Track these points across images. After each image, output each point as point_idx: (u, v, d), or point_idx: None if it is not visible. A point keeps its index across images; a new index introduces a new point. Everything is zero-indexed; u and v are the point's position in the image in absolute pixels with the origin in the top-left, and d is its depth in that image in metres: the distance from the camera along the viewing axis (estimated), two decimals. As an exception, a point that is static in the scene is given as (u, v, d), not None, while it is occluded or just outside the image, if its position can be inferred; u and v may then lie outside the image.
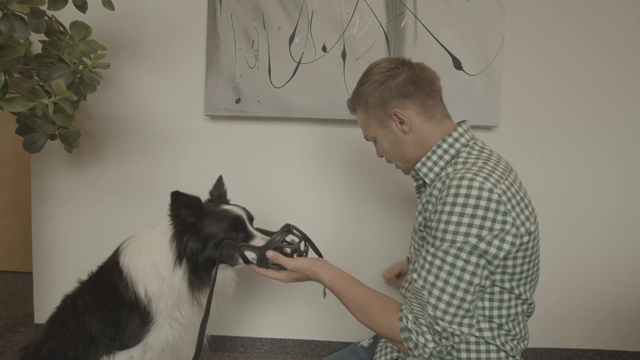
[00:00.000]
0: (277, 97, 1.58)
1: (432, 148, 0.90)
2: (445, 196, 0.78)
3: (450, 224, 0.75)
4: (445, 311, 0.75)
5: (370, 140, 1.03)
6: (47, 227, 1.75)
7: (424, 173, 0.91)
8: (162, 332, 1.11)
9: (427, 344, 0.77)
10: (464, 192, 0.75)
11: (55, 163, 1.71)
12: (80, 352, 1.08)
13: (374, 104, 0.93)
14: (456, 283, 0.75)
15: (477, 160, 0.84)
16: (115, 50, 1.63)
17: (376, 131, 0.97)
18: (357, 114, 1.01)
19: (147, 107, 1.68)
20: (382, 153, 1.02)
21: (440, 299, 0.75)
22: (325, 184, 1.69)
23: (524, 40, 1.60)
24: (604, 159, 1.65)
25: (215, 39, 1.58)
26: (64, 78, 1.12)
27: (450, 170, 0.85)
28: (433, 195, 0.85)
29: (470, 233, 0.74)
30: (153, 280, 1.08)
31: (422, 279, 0.78)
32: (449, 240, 0.76)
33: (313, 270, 0.92)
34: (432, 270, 0.77)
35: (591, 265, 1.69)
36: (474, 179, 0.76)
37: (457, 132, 0.91)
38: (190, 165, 1.69)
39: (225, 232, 1.06)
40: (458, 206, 0.75)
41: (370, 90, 0.93)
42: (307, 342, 1.74)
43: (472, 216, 0.74)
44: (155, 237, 1.12)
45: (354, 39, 1.56)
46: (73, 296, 1.15)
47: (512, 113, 1.62)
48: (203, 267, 1.07)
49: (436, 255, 0.77)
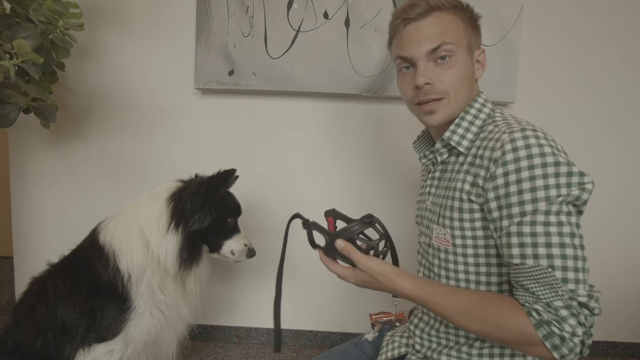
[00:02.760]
0: (274, 68, 1.46)
1: (460, 114, 0.79)
2: (512, 155, 0.65)
3: (537, 179, 0.63)
4: (576, 280, 0.61)
5: (433, 54, 0.76)
6: (27, 210, 1.64)
7: (456, 141, 0.78)
8: (143, 321, 1.05)
9: (575, 331, 0.60)
10: (534, 142, 0.64)
11: (35, 141, 1.60)
12: (49, 342, 1.01)
13: (471, 23, 0.79)
14: (572, 242, 0.62)
15: (515, 118, 0.75)
16: (97, 16, 1.50)
17: (461, 50, 0.76)
18: (438, 13, 0.76)
19: (133, 79, 1.56)
20: (444, 78, 0.77)
21: (566, 268, 0.61)
22: (328, 164, 1.58)
23: (543, 8, 1.48)
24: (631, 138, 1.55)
25: (205, 5, 1.45)
26: (31, 40, 0.99)
27: (492, 128, 0.73)
28: (478, 164, 0.71)
29: (560, 184, 0.62)
30: (136, 251, 1.03)
31: (532, 257, 0.63)
32: (542, 200, 0.62)
33: (389, 277, 0.71)
34: (539, 241, 0.62)
35: (602, 255, 1.60)
36: (536, 129, 0.67)
37: (482, 97, 0.81)
38: (180, 143, 1.58)
39: (226, 213, 1.10)
40: (536, 158, 0.63)
41: (468, 6, 0.79)
42: (306, 332, 1.66)
43: (555, 164, 0.63)
44: (143, 202, 1.08)
45: (358, 4, 1.43)
46: (42, 280, 1.07)
47: (530, 89, 1.51)
48: (200, 240, 1.07)
49: (535, 223, 0.63)
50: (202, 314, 1.28)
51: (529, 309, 0.63)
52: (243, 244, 1.13)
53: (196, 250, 1.06)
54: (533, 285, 0.63)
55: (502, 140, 0.66)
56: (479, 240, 0.73)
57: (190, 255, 1.04)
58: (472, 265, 0.75)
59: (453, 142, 0.78)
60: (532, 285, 0.63)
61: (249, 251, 1.14)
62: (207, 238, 1.09)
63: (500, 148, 0.66)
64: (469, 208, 0.73)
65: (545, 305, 0.62)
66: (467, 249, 0.75)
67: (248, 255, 1.14)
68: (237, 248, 1.12)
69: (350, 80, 1.45)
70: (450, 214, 0.76)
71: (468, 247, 0.75)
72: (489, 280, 0.74)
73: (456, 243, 0.76)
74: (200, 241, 1.07)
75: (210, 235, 1.08)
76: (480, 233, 0.73)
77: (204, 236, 1.07)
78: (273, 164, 1.58)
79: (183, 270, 1.04)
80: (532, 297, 0.63)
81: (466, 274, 0.76)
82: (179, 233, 1.02)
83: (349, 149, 1.56)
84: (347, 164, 1.57)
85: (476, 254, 0.74)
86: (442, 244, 0.80)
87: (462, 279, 0.77)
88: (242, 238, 1.14)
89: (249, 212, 1.54)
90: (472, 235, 0.74)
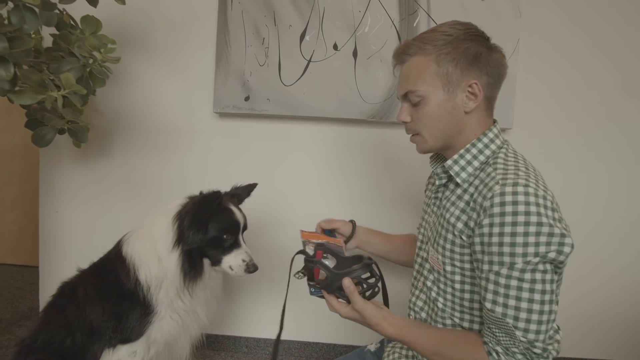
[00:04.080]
0: (287, 95, 1.56)
1: (467, 146, 0.82)
2: (499, 209, 0.70)
3: (517, 236, 0.68)
4: (537, 331, 0.69)
5: (406, 97, 0.85)
6: (54, 222, 1.75)
7: (455, 172, 0.82)
8: (164, 324, 1.11)
9: None
10: (522, 200, 0.68)
11: (64, 158, 1.71)
12: (78, 340, 1.07)
13: (452, 58, 0.78)
14: (540, 298, 0.69)
15: (516, 163, 0.78)
16: (124, 44, 1.62)
17: (432, 91, 0.80)
18: (411, 60, 0.83)
19: (156, 103, 1.67)
20: (417, 117, 0.84)
21: (530, 320, 0.69)
22: (336, 184, 1.67)
23: (539, 40, 1.57)
24: (628, 163, 1.61)
25: (225, 36, 1.57)
26: (74, 71, 1.11)
27: (491, 171, 0.77)
28: (472, 207, 0.77)
29: (540, 242, 0.67)
30: (152, 263, 1.08)
31: (502, 306, 0.70)
32: (520, 255, 0.68)
33: (377, 322, 0.79)
34: (511, 294, 0.70)
35: (598, 273, 1.64)
36: (528, 185, 0.70)
37: (493, 132, 0.83)
38: (198, 162, 1.68)
39: (219, 230, 1.09)
40: (520, 216, 0.68)
41: (456, 37, 0.79)
42: (312, 344, 1.72)
43: (538, 224, 0.67)
44: (157, 219, 1.13)
45: (365, 37, 1.54)
46: (72, 284, 1.15)
47: (526, 115, 1.58)
48: (198, 256, 1.10)
49: (511, 277, 0.70)
50: (214, 323, 1.33)
51: (490, 349, 0.73)
52: (241, 259, 1.12)
53: (196, 264, 1.10)
54: (496, 330, 0.73)
55: (493, 192, 0.71)
56: (466, 271, 0.81)
57: (191, 268, 1.08)
58: (459, 290, 0.83)
59: (452, 172, 0.83)
60: (496, 330, 0.73)
61: (247, 266, 1.12)
62: (206, 253, 1.11)
63: (490, 198, 0.71)
64: (460, 244, 0.80)
65: (504, 349, 0.72)
66: (455, 276, 0.83)
67: (247, 271, 1.12)
68: (235, 263, 1.12)
69: (357, 106, 1.55)
70: (444, 244, 0.84)
71: (456, 274, 0.83)
72: (471, 305, 0.82)
73: (446, 269, 0.84)
74: (198, 256, 1.10)
75: (208, 250, 1.10)
76: (467, 265, 0.81)
77: (202, 251, 1.10)
78: (284, 182, 1.67)
79: (188, 282, 1.09)
80: (494, 339, 0.73)
81: (452, 296, 0.85)
82: (179, 249, 1.07)
83: (355, 170, 1.65)
84: (354, 183, 1.66)
85: (463, 281, 0.82)
86: (435, 265, 0.88)
87: (449, 299, 0.85)
88: (241, 254, 1.13)
89: (259, 228, 1.64)
90: (461, 266, 0.82)
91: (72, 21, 1.32)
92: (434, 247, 0.88)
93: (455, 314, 0.85)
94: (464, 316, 0.84)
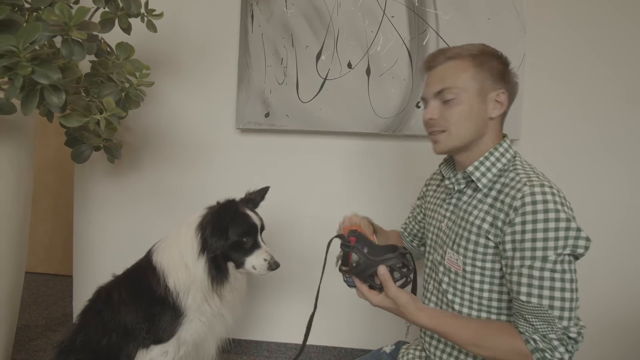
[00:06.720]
0: (305, 111, 1.66)
1: (485, 154, 0.90)
2: (531, 207, 0.78)
3: (549, 231, 0.76)
4: (570, 318, 0.76)
5: (438, 95, 0.90)
6: (87, 233, 1.87)
7: (476, 177, 0.89)
8: (194, 325, 1.19)
9: (563, 357, 0.76)
10: (550, 199, 0.77)
11: (97, 172, 1.84)
12: (113, 341, 1.16)
13: (488, 67, 0.87)
14: (570, 287, 0.76)
15: (533, 170, 0.87)
16: (154, 67, 1.73)
17: (468, 91, 0.87)
18: (449, 62, 0.90)
19: (182, 120, 1.79)
20: (447, 115, 0.89)
21: (564, 308, 0.76)
22: (350, 193, 1.74)
23: (543, 55, 1.62)
24: (632, 173, 1.63)
25: (246, 57, 1.68)
26: (113, 95, 1.22)
27: (514, 176, 0.85)
28: (499, 207, 0.83)
29: (569, 236, 0.76)
30: (180, 271, 1.17)
31: (537, 297, 0.77)
32: (552, 249, 0.76)
33: (411, 310, 0.82)
34: (545, 284, 0.77)
35: (602, 281, 1.65)
36: (552, 186, 0.79)
37: (507, 142, 0.92)
38: (221, 175, 1.78)
39: (238, 235, 1.17)
40: (551, 213, 0.76)
41: (488, 52, 0.89)
42: (330, 348, 1.78)
43: (567, 220, 0.76)
44: (182, 230, 1.22)
45: (378, 56, 1.62)
46: (108, 289, 1.24)
47: (533, 126, 1.63)
48: (223, 261, 1.18)
49: (544, 269, 0.77)
50: (235, 328, 1.39)
51: (527, 337, 0.78)
52: (263, 259, 1.20)
53: (222, 268, 1.18)
54: (533, 319, 0.78)
55: (523, 192, 0.78)
56: (486, 270, 0.87)
57: (218, 273, 1.17)
58: (477, 290, 0.89)
59: (474, 177, 0.89)
60: (533, 319, 0.78)
61: (269, 265, 1.20)
62: (229, 257, 1.19)
63: (520, 198, 0.78)
64: (484, 244, 0.86)
65: (541, 336, 0.77)
66: (475, 276, 0.89)
67: (269, 269, 1.20)
68: (258, 263, 1.20)
69: (371, 121, 1.64)
70: (466, 245, 0.89)
71: (476, 274, 0.88)
72: (489, 304, 0.88)
73: (466, 269, 0.90)
74: (223, 261, 1.18)
75: (231, 254, 1.18)
76: (489, 265, 0.87)
77: (226, 256, 1.18)
78: (302, 193, 1.75)
79: (216, 286, 1.17)
80: (531, 328, 0.78)
81: (471, 295, 0.90)
82: (204, 256, 1.15)
83: (369, 180, 1.72)
84: (368, 192, 1.72)
85: (482, 281, 0.88)
86: (453, 267, 0.93)
87: (467, 298, 0.90)
88: (262, 253, 1.20)
89: (278, 234, 1.71)
90: (482, 265, 0.87)
91: (108, 48, 1.44)
92: (452, 249, 0.93)
93: (473, 312, 0.90)
94: (481, 314, 0.89)
